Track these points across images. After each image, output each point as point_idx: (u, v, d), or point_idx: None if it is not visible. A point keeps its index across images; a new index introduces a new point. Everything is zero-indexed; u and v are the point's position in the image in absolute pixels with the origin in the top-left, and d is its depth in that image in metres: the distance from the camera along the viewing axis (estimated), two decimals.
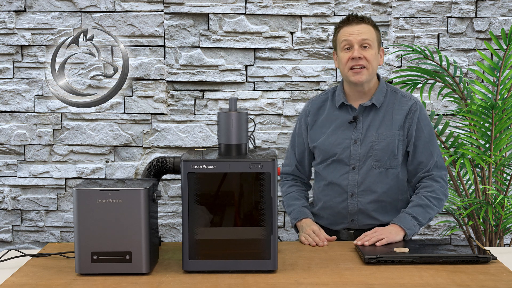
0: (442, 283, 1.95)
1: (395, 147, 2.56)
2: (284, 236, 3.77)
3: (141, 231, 2.02)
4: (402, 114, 2.58)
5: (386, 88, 2.64)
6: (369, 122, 2.59)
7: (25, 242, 3.76)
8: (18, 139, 3.69)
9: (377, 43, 2.58)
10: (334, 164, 2.60)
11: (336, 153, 2.59)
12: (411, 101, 2.61)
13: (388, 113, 2.59)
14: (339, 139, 2.60)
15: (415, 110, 2.58)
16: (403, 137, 2.57)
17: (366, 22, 2.56)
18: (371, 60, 2.54)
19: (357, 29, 2.54)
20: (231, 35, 3.67)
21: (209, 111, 3.71)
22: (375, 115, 2.59)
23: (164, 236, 3.77)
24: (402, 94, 2.65)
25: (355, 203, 2.57)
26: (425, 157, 2.56)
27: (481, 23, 3.66)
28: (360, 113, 2.60)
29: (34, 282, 1.99)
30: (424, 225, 2.49)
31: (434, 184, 2.54)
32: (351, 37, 2.54)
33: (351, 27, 2.55)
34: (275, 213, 2.03)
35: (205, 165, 2.02)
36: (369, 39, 2.53)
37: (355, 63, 2.53)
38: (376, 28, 2.59)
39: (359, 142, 2.58)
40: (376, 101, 2.59)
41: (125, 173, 3.72)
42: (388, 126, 2.57)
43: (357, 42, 2.53)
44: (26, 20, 3.64)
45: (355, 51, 2.53)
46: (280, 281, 1.98)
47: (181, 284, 1.97)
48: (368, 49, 2.53)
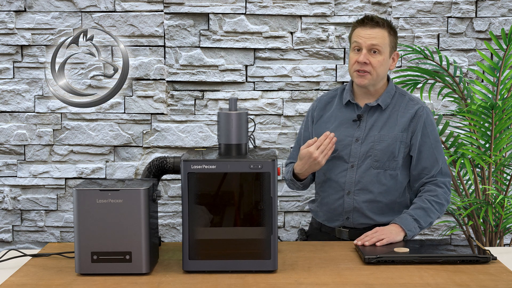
0: (442, 283, 1.95)
1: (395, 149, 2.56)
2: (284, 236, 3.77)
3: (141, 231, 2.03)
4: (407, 117, 2.58)
5: (394, 90, 2.64)
6: (372, 122, 2.59)
7: (25, 242, 3.76)
8: (18, 139, 3.69)
9: (390, 47, 2.57)
10: (333, 160, 2.61)
11: (336, 149, 2.60)
12: (418, 105, 2.60)
13: (393, 115, 2.60)
14: (341, 136, 2.61)
15: (421, 115, 2.58)
16: (406, 140, 2.57)
17: (381, 27, 2.55)
18: (376, 66, 2.54)
19: (369, 33, 2.54)
20: (231, 35, 3.67)
21: (209, 111, 3.71)
22: (380, 115, 2.60)
23: (164, 236, 3.77)
24: (410, 97, 2.65)
25: (351, 201, 2.58)
26: (430, 163, 2.56)
27: (481, 23, 3.66)
28: (365, 112, 2.61)
29: (34, 282, 1.99)
30: (424, 228, 2.49)
31: (438, 189, 2.54)
32: (361, 40, 2.54)
33: (364, 29, 2.55)
34: (275, 213, 2.03)
35: (205, 165, 2.02)
36: (379, 44, 2.53)
37: (360, 67, 2.55)
38: (392, 33, 2.58)
39: (361, 141, 2.58)
40: (382, 102, 2.60)
41: (125, 173, 3.72)
42: (391, 127, 2.58)
43: (366, 46, 2.54)
44: (26, 20, 3.64)
45: (362, 56, 2.53)
46: (280, 281, 1.98)
47: (181, 284, 1.97)
48: (376, 55, 2.54)
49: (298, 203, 3.76)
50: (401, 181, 2.58)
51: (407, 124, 2.57)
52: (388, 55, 2.57)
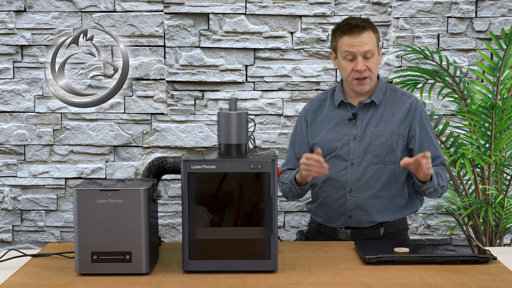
0: (442, 283, 1.95)
1: (394, 142, 2.58)
2: (284, 236, 3.77)
3: (141, 231, 2.03)
4: (402, 110, 2.61)
5: (385, 86, 2.67)
6: (368, 119, 2.61)
7: (25, 242, 3.76)
8: (18, 139, 3.69)
9: (377, 46, 2.61)
10: (332, 160, 2.61)
11: (335, 148, 2.61)
12: (411, 98, 2.65)
13: (387, 110, 2.62)
14: (338, 135, 2.62)
15: (416, 107, 2.62)
16: (403, 133, 2.59)
17: (367, 29, 2.55)
18: (373, 69, 2.58)
19: (359, 40, 2.53)
20: (231, 35, 3.67)
21: (209, 111, 3.71)
22: (374, 112, 2.62)
23: (164, 236, 3.77)
24: (402, 92, 2.69)
25: (354, 199, 2.59)
26: (432, 155, 2.57)
27: (481, 23, 3.66)
28: (359, 110, 2.62)
29: (34, 282, 1.99)
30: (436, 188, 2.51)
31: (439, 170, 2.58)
32: (354, 49, 2.53)
33: (353, 37, 2.54)
34: (275, 213, 2.03)
35: (205, 165, 2.02)
36: (372, 48, 2.55)
37: (359, 75, 2.55)
38: (375, 30, 2.60)
39: (359, 139, 2.59)
40: (375, 99, 2.62)
41: (125, 173, 3.72)
42: (387, 122, 2.60)
43: (360, 54, 2.54)
44: (26, 20, 3.64)
45: (359, 64, 2.53)
46: (280, 281, 1.98)
47: (181, 284, 1.97)
48: (371, 58, 2.55)
49: (298, 203, 3.76)
50: (399, 174, 2.60)
51: (403, 117, 2.60)
52: (377, 53, 2.60)
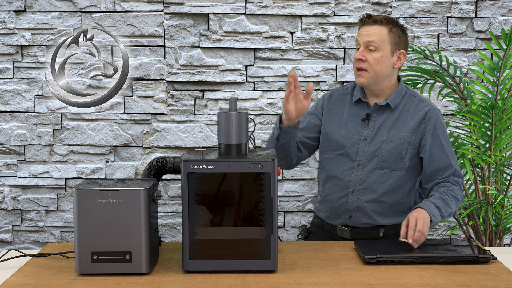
0: (442, 283, 1.95)
1: (403, 150, 2.55)
2: (284, 236, 3.77)
3: (141, 231, 2.03)
4: (417, 118, 2.56)
5: (405, 90, 2.63)
6: (381, 122, 2.58)
7: (25, 242, 3.76)
8: (18, 139, 3.69)
9: (391, 45, 2.54)
10: (339, 158, 2.60)
11: (344, 146, 2.59)
12: (428, 107, 2.58)
13: (402, 115, 2.58)
14: (350, 133, 2.60)
15: (430, 117, 2.56)
16: (414, 142, 2.55)
17: (379, 24, 2.54)
18: (373, 64, 2.53)
19: (366, 30, 2.55)
20: (231, 35, 3.67)
21: (209, 111, 3.71)
22: (389, 115, 2.59)
23: (164, 236, 3.77)
24: (420, 98, 2.62)
25: (355, 200, 2.58)
26: (443, 164, 2.53)
27: (481, 23, 3.66)
28: (374, 112, 2.60)
29: (34, 282, 1.99)
30: (444, 218, 2.43)
31: (453, 186, 2.52)
32: (360, 38, 2.56)
33: (363, 27, 2.57)
34: (275, 213, 2.03)
35: (205, 165, 2.02)
36: (376, 41, 2.52)
37: (357, 64, 2.55)
38: (395, 30, 2.55)
39: (368, 140, 2.58)
40: (391, 102, 2.58)
41: (125, 173, 3.72)
42: (400, 128, 2.56)
43: (363, 44, 2.54)
44: (26, 20, 3.64)
45: (358, 52, 2.54)
46: (280, 281, 1.98)
47: (181, 284, 1.97)
48: (373, 52, 2.53)
49: (298, 203, 3.76)
50: (406, 181, 2.57)
51: (416, 126, 2.56)
52: (389, 52, 2.54)
